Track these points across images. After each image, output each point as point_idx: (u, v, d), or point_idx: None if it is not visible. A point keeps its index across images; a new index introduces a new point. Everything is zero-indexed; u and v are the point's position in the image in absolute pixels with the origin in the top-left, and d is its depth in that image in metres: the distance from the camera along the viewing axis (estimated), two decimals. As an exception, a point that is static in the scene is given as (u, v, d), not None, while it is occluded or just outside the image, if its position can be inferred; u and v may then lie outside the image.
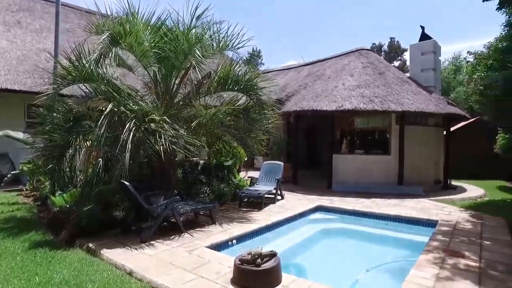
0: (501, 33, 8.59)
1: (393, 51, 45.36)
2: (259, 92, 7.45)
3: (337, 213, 8.07)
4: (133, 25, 6.47)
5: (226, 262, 4.30)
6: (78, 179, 6.97)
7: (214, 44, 7.23)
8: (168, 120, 5.65)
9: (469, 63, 9.14)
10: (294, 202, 8.68)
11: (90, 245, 4.87)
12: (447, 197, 9.65)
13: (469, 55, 8.98)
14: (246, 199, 8.43)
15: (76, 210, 5.60)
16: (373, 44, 44.29)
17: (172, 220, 6.09)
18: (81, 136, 6.18)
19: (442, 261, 4.53)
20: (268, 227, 6.47)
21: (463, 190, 11.18)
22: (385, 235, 7.10)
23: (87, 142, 6.46)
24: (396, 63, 41.95)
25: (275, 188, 8.65)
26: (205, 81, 7.52)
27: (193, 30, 6.87)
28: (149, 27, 6.81)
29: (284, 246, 5.99)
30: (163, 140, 5.35)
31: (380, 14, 61.26)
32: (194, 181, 8.76)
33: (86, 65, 5.78)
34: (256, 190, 8.41)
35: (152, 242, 5.14)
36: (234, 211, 7.61)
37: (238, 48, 7.17)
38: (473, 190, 11.08)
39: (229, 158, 9.70)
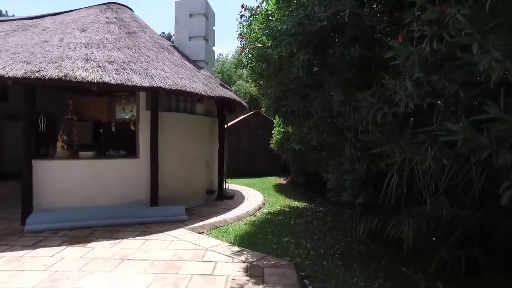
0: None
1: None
2: None
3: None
4: None
5: None
6: None
7: None
8: None
9: (243, 18, 6.24)
10: None
11: None
12: (219, 217, 6.61)
13: (245, 10, 6.20)
14: None
15: None
16: (163, 33, 40.72)
17: None
18: None
19: None
20: None
21: (241, 199, 8.65)
22: None
23: None
24: (185, 57, 40.05)
25: None
26: None
27: None
28: None
29: None
30: None
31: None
32: None
33: None
34: None
35: None
36: None
37: None
38: (252, 199, 8.71)
39: None
